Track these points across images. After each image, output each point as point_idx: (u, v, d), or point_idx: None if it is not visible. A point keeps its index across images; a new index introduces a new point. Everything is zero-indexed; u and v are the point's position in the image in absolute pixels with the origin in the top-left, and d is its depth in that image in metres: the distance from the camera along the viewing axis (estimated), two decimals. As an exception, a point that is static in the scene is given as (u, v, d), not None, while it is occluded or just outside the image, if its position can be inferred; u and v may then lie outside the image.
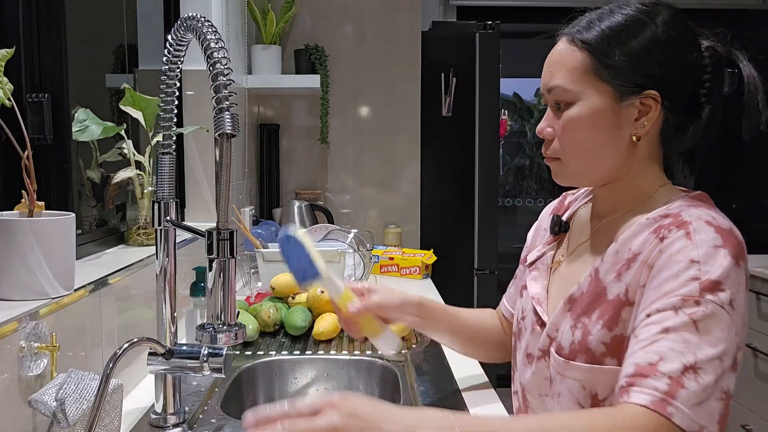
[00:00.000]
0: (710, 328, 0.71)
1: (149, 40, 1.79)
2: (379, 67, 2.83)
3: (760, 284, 2.45)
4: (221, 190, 0.78)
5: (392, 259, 2.27)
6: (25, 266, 0.85)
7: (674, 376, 0.69)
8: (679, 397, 0.69)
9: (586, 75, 0.84)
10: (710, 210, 0.82)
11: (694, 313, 0.72)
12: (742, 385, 2.58)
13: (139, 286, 1.21)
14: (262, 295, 1.76)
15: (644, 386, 0.70)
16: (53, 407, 0.77)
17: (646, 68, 0.82)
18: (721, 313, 0.72)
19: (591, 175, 0.89)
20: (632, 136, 0.85)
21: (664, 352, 0.71)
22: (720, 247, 0.75)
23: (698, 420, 0.69)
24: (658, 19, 0.84)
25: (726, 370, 0.71)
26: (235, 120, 0.78)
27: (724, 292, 0.73)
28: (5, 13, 1.08)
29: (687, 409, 0.69)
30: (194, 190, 1.91)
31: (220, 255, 0.80)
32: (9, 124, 0.89)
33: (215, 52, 0.80)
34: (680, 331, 0.71)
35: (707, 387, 0.69)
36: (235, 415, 1.10)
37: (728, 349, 0.71)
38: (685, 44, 0.85)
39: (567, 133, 0.86)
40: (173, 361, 0.95)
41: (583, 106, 0.84)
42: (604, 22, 0.85)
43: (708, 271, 0.73)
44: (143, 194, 1.38)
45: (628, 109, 0.84)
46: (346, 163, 2.88)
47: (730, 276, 0.74)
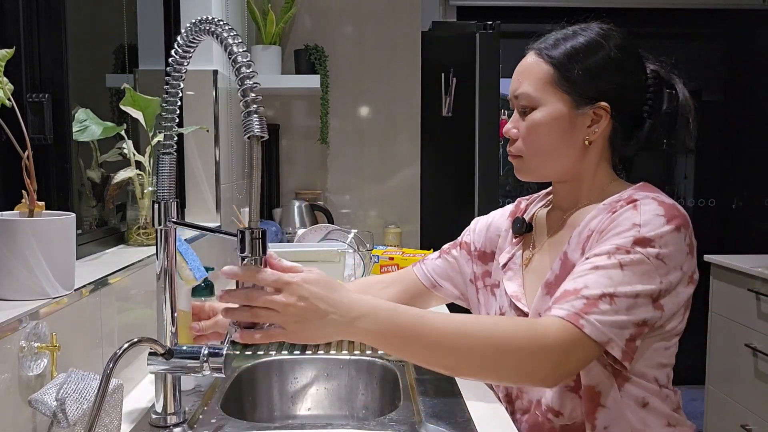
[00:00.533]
0: (634, 271, 0.86)
1: (149, 40, 1.79)
2: (379, 67, 2.83)
3: (760, 284, 2.45)
4: (252, 191, 0.79)
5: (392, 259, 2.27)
6: (25, 266, 0.85)
7: (592, 298, 0.85)
8: (592, 313, 0.84)
9: (550, 85, 0.98)
10: (657, 193, 0.95)
11: (623, 258, 0.87)
12: (742, 385, 2.58)
13: (139, 286, 1.21)
14: (262, 295, 1.76)
15: (564, 303, 0.86)
16: (53, 407, 0.77)
17: (599, 83, 0.97)
18: (646, 262, 0.86)
19: (548, 172, 1.03)
20: (585, 140, 0.99)
21: (590, 282, 0.86)
22: (661, 216, 0.89)
23: (607, 333, 0.84)
24: (611, 42, 0.99)
25: (642, 306, 0.86)
26: (263, 122, 0.80)
27: (653, 248, 0.87)
28: (5, 13, 1.08)
29: (598, 323, 0.83)
30: (194, 190, 1.92)
31: (254, 253, 0.82)
32: (9, 124, 0.89)
33: (239, 56, 0.82)
34: (608, 269, 0.86)
35: (619, 311, 0.84)
36: (235, 415, 1.10)
37: (646, 291, 0.86)
38: (632, 65, 1.00)
39: (530, 134, 1.00)
40: (173, 361, 0.95)
41: (545, 112, 0.98)
42: (568, 42, 0.99)
43: (646, 231, 0.87)
44: (143, 194, 1.38)
45: (582, 116, 0.98)
46: (346, 163, 2.88)
47: (664, 237, 0.87)
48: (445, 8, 3.51)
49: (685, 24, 3.94)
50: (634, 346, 0.87)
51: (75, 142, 1.23)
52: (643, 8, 3.75)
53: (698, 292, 0.97)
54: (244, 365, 1.30)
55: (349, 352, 1.39)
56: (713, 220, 3.96)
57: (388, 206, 2.90)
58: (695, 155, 3.99)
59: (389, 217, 2.89)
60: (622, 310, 0.85)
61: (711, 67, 4.01)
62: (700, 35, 4.08)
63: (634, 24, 3.89)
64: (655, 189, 0.98)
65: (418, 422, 1.03)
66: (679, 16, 3.84)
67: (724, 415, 2.71)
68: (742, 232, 3.90)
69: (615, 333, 0.84)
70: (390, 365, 1.31)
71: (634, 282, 0.86)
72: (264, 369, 1.33)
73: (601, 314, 0.84)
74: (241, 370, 1.28)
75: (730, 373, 2.68)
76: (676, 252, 0.88)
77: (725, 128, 3.95)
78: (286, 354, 1.37)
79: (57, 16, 1.14)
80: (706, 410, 2.85)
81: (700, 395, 2.96)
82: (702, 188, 3.97)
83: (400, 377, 1.24)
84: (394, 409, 1.10)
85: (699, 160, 3.99)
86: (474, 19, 3.07)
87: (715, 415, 2.78)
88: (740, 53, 3.91)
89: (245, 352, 1.37)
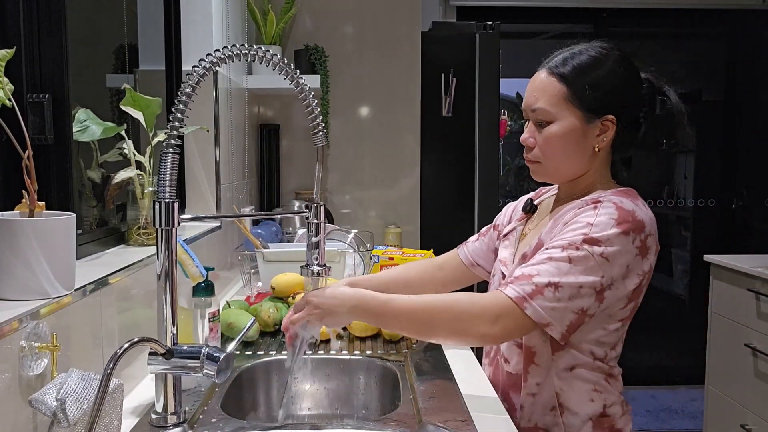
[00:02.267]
0: (579, 266, 1.00)
1: (149, 40, 1.79)
2: (379, 68, 2.83)
3: (760, 284, 2.46)
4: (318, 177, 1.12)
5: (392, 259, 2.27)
6: (25, 266, 0.85)
7: (539, 285, 1.00)
8: (536, 299, 1.00)
9: (563, 101, 1.10)
10: (626, 198, 1.07)
11: (572, 253, 1.01)
12: (742, 385, 2.58)
13: (139, 286, 1.21)
14: (263, 295, 1.76)
15: (516, 286, 1.02)
16: (54, 407, 0.78)
17: (605, 98, 1.09)
18: (590, 259, 1.00)
19: (562, 175, 1.16)
20: (594, 147, 1.12)
21: (542, 270, 1.02)
22: (613, 219, 1.02)
23: (547, 317, 1.00)
24: (611, 59, 1.11)
25: (583, 296, 1.00)
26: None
27: (599, 247, 1.01)
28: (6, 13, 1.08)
29: (539, 308, 1.00)
30: (195, 190, 1.92)
31: (318, 219, 1.10)
32: (9, 124, 0.90)
33: (299, 79, 1.04)
34: (558, 261, 1.01)
35: (561, 299, 1.00)
36: (235, 415, 1.10)
37: (588, 283, 1.00)
38: (630, 78, 1.13)
39: (548, 144, 1.12)
40: (173, 361, 0.95)
41: (560, 125, 1.10)
42: (575, 60, 1.11)
43: (595, 231, 1.01)
44: (143, 194, 1.38)
45: (592, 128, 1.11)
46: (346, 163, 2.88)
47: (610, 239, 1.01)
48: (445, 8, 3.51)
49: (685, 24, 3.94)
50: (575, 329, 1.03)
51: (75, 142, 1.23)
52: (643, 8, 3.75)
53: (698, 292, 0.99)
54: (244, 365, 1.30)
55: (349, 352, 1.39)
56: (713, 220, 3.96)
57: (388, 206, 2.90)
58: (695, 155, 3.99)
59: (389, 217, 2.89)
60: (565, 298, 1.00)
61: (711, 67, 4.01)
62: (700, 35, 4.08)
63: (635, 24, 3.90)
64: (631, 194, 1.10)
65: (418, 422, 1.03)
66: (679, 16, 3.84)
67: (723, 415, 2.71)
68: (742, 232, 3.90)
69: (555, 317, 1.00)
70: (390, 365, 1.31)
71: (577, 274, 1.00)
72: (264, 369, 1.33)
73: (544, 300, 1.00)
74: (241, 370, 1.28)
75: (730, 373, 2.68)
76: (620, 252, 1.01)
77: (725, 128, 3.95)
78: (286, 354, 1.37)
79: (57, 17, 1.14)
80: (706, 410, 2.85)
81: (700, 395, 2.96)
82: (702, 188, 3.97)
83: (400, 377, 1.25)
84: (394, 409, 1.10)
85: (699, 160, 3.98)
86: (474, 19, 3.07)
87: (715, 415, 2.78)
88: (740, 53, 3.91)
89: (245, 352, 1.38)
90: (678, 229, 4.15)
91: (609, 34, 3.80)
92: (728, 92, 3.95)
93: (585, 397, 1.10)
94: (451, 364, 1.32)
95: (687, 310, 4.02)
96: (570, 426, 1.10)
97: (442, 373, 1.27)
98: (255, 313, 1.53)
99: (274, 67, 1.02)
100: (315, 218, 1.10)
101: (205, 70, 0.96)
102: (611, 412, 1.11)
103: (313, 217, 1.10)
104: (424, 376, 1.25)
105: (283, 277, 1.63)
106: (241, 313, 1.48)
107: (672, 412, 3.59)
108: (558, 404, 1.10)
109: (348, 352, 1.40)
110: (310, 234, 1.11)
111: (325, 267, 1.12)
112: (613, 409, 1.11)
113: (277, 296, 1.63)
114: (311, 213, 1.10)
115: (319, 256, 1.11)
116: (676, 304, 4.11)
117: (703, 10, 3.76)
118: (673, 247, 4.16)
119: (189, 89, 0.95)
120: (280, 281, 1.62)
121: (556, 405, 1.10)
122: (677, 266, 4.13)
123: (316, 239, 1.10)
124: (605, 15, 3.78)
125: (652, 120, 1.14)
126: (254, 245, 1.88)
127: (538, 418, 1.12)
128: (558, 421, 1.10)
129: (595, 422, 1.10)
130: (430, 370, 1.28)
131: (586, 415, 1.09)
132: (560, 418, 1.10)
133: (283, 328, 1.13)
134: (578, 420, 1.10)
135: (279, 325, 1.54)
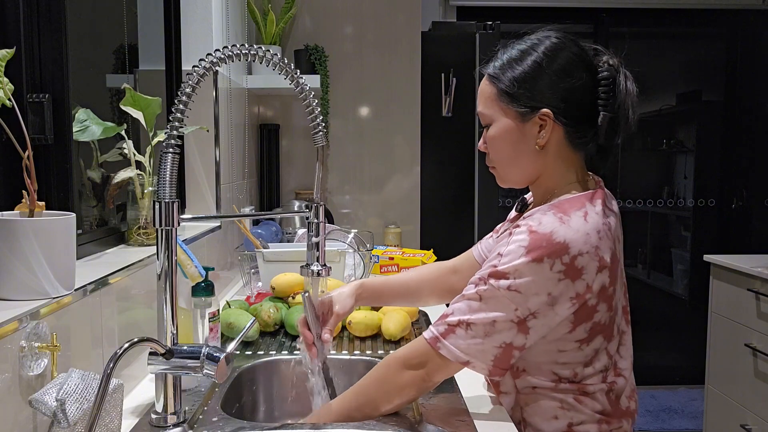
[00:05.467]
0: (488, 302, 0.97)
1: (149, 40, 1.79)
2: (379, 67, 2.83)
3: (760, 284, 2.46)
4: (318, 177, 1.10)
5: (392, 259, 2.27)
6: (25, 266, 0.85)
7: (451, 325, 1.00)
8: (449, 338, 0.99)
9: (495, 102, 1.06)
10: (555, 215, 0.98)
11: (480, 289, 0.98)
12: (742, 385, 2.58)
13: (139, 286, 1.21)
14: (263, 295, 1.76)
15: (433, 326, 1.02)
16: (54, 407, 0.78)
17: (535, 92, 1.03)
18: (497, 294, 0.97)
19: (516, 178, 1.11)
20: (536, 146, 1.05)
21: (455, 309, 1.01)
22: (523, 247, 0.96)
23: (463, 355, 0.99)
24: (540, 49, 1.03)
25: (500, 330, 0.97)
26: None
27: (506, 280, 0.96)
28: (6, 13, 1.08)
29: (453, 347, 0.99)
30: (195, 190, 1.92)
31: (318, 219, 1.10)
32: (10, 124, 0.90)
33: (299, 79, 1.03)
34: (469, 300, 0.99)
35: (476, 336, 0.98)
36: (235, 415, 1.10)
37: (501, 318, 0.97)
38: (568, 67, 1.03)
39: (491, 147, 1.09)
40: (173, 361, 0.95)
41: (497, 127, 1.07)
42: (504, 55, 1.06)
43: (502, 263, 0.97)
44: (143, 194, 1.38)
45: (529, 125, 1.04)
46: (346, 163, 2.88)
47: (518, 269, 0.95)
48: (445, 8, 3.51)
49: (685, 24, 3.94)
50: (508, 363, 1.00)
51: (75, 142, 1.23)
52: (643, 8, 3.75)
53: (698, 292, 0.99)
54: (244, 365, 1.30)
55: (349, 352, 1.39)
56: (713, 220, 3.96)
57: (388, 206, 2.90)
58: (695, 155, 3.99)
59: (389, 217, 2.89)
60: (480, 335, 0.98)
61: (711, 67, 4.01)
62: (700, 35, 4.08)
63: (635, 24, 3.90)
64: (574, 206, 1.00)
65: (418, 422, 1.03)
66: (679, 16, 3.84)
67: (723, 415, 2.71)
68: (742, 232, 3.90)
69: (474, 355, 0.99)
70: (390, 365, 1.31)
71: (489, 311, 0.97)
72: (264, 369, 1.33)
73: (457, 338, 0.99)
74: (241, 370, 1.28)
75: (730, 372, 2.68)
76: (534, 282, 0.95)
77: (725, 128, 3.95)
78: (286, 354, 1.37)
79: (57, 16, 1.14)
80: (706, 410, 2.85)
81: (700, 395, 2.96)
82: (702, 188, 3.97)
83: (400, 377, 1.24)
84: (394, 409, 1.10)
85: (699, 160, 3.99)
86: (474, 19, 3.07)
87: (715, 415, 2.79)
88: (740, 53, 3.91)
89: (245, 352, 1.37)
90: (678, 229, 4.15)
91: (609, 34, 3.80)
92: (728, 92, 3.95)
93: (548, 414, 1.05)
94: (451, 364, 1.31)
95: (687, 310, 4.02)
96: None
97: (442, 373, 1.27)
98: (255, 313, 1.53)
99: (274, 67, 1.02)
100: (315, 218, 1.11)
101: (205, 70, 0.96)
102: (580, 430, 1.05)
103: (313, 217, 1.11)
104: (424, 376, 1.24)
105: (283, 277, 1.63)
106: (241, 313, 1.48)
107: (672, 412, 3.59)
108: (522, 419, 1.08)
109: (348, 352, 1.40)
110: (310, 234, 1.11)
111: (325, 267, 1.12)
112: (583, 427, 1.04)
113: (277, 296, 1.63)
114: (311, 213, 1.11)
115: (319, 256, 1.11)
116: (676, 304, 4.11)
117: (703, 10, 3.76)
118: (673, 247, 4.17)
119: (189, 89, 0.95)
120: (280, 281, 1.62)
121: (521, 420, 1.08)
122: (677, 266, 4.14)
123: (316, 239, 1.10)
124: (605, 15, 3.78)
125: (615, 108, 1.03)
126: (254, 245, 1.88)
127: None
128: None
129: None
130: (430, 370, 1.28)
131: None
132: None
133: (302, 332, 1.16)
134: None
135: (279, 325, 1.54)
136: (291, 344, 1.44)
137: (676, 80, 4.08)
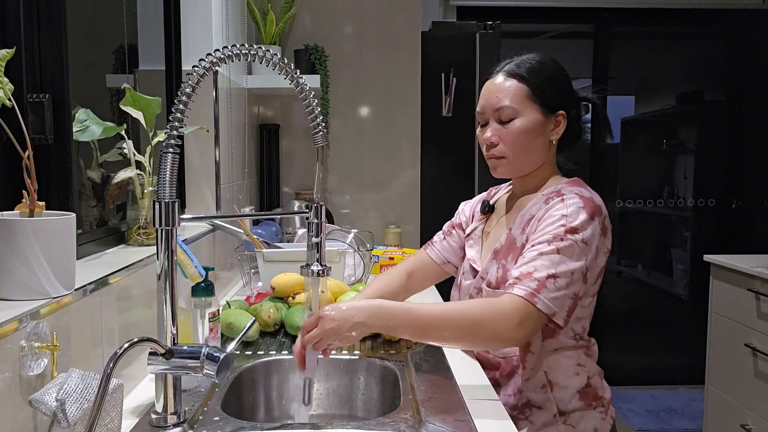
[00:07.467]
0: (567, 254, 1.13)
1: (149, 40, 1.79)
2: (379, 67, 2.83)
3: (760, 284, 2.45)
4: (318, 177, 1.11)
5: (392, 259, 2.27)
6: (25, 266, 0.85)
7: (541, 280, 1.11)
8: (542, 292, 1.11)
9: (526, 99, 1.24)
10: (581, 187, 1.23)
11: (559, 244, 1.13)
12: (742, 385, 2.58)
13: (139, 286, 1.21)
14: (263, 295, 1.76)
15: (522, 285, 1.12)
16: (54, 407, 0.78)
17: (557, 95, 1.25)
18: (575, 246, 1.13)
19: (524, 168, 1.28)
20: (551, 141, 1.27)
21: (537, 266, 1.13)
22: (582, 208, 1.16)
23: (553, 307, 1.11)
24: (551, 64, 1.28)
25: (575, 281, 1.13)
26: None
27: (579, 234, 1.14)
28: (6, 13, 1.08)
29: (546, 300, 1.10)
30: (195, 190, 1.92)
31: (318, 219, 1.11)
32: (10, 124, 0.90)
33: (299, 79, 1.03)
34: (549, 255, 1.13)
35: (560, 288, 1.11)
36: (235, 415, 1.10)
37: (578, 268, 1.13)
38: (568, 80, 1.30)
39: (516, 138, 1.24)
40: (173, 361, 0.95)
41: (525, 120, 1.24)
42: (526, 65, 1.26)
43: (571, 221, 1.15)
44: (143, 194, 1.38)
45: (548, 123, 1.26)
46: (346, 163, 2.88)
47: (584, 225, 1.15)
48: (445, 8, 3.50)
49: (685, 24, 3.94)
50: (572, 315, 1.15)
51: (75, 142, 1.23)
52: (643, 8, 3.75)
53: (698, 292, 1.00)
54: (244, 365, 1.30)
55: (349, 352, 1.39)
56: (713, 220, 3.96)
57: (388, 206, 2.90)
58: (695, 155, 3.99)
59: (389, 217, 2.89)
60: (563, 287, 1.12)
61: (711, 67, 4.01)
62: (700, 35, 4.08)
63: (635, 24, 3.89)
64: (582, 183, 1.26)
65: (418, 422, 1.03)
66: (679, 16, 3.84)
67: (724, 414, 2.71)
68: (742, 232, 3.90)
69: (558, 306, 1.11)
70: (390, 365, 1.31)
71: (569, 262, 1.13)
72: (264, 369, 1.33)
73: (548, 291, 1.11)
74: (241, 370, 1.28)
75: (730, 372, 2.68)
76: (593, 235, 1.15)
77: (725, 128, 3.95)
78: (286, 354, 1.37)
79: (57, 16, 1.14)
80: (706, 410, 2.85)
81: (700, 395, 2.96)
82: (702, 188, 3.96)
83: (400, 377, 1.24)
84: (394, 409, 1.10)
85: (699, 160, 3.98)
86: (474, 19, 3.07)
87: (715, 415, 2.78)
88: (740, 53, 3.91)
89: (245, 352, 1.38)
90: (678, 229, 4.15)
91: (610, 33, 3.80)
92: (729, 92, 3.95)
93: (570, 372, 1.23)
94: (451, 364, 1.32)
95: (687, 310, 4.02)
96: (560, 400, 1.23)
97: (442, 373, 1.27)
98: (255, 313, 1.53)
99: (274, 66, 1.02)
100: (315, 218, 1.11)
101: (205, 70, 0.96)
102: (593, 382, 1.25)
103: (313, 217, 1.11)
104: (424, 376, 1.25)
105: (283, 277, 1.63)
106: (241, 313, 1.48)
107: (672, 412, 3.58)
108: (548, 381, 1.22)
109: (348, 352, 1.40)
110: (310, 234, 1.11)
111: (326, 267, 1.12)
112: (594, 380, 1.26)
113: (277, 296, 1.63)
114: (311, 213, 1.11)
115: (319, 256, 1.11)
116: (676, 304, 4.11)
117: (705, 10, 3.76)
118: (673, 247, 4.16)
119: (189, 89, 0.95)
120: (280, 281, 1.62)
121: (546, 383, 1.22)
122: (677, 266, 4.13)
123: (317, 239, 1.10)
124: (606, 15, 3.78)
125: (579, 118, 1.31)
126: (254, 245, 1.88)
127: (531, 396, 1.23)
128: (549, 396, 1.22)
129: (581, 393, 1.24)
130: (430, 370, 1.28)
131: (573, 389, 1.23)
132: (551, 394, 1.22)
133: (297, 355, 1.10)
134: (567, 393, 1.23)
135: (279, 325, 1.54)
136: (291, 344, 1.44)
137: (677, 80, 4.07)
